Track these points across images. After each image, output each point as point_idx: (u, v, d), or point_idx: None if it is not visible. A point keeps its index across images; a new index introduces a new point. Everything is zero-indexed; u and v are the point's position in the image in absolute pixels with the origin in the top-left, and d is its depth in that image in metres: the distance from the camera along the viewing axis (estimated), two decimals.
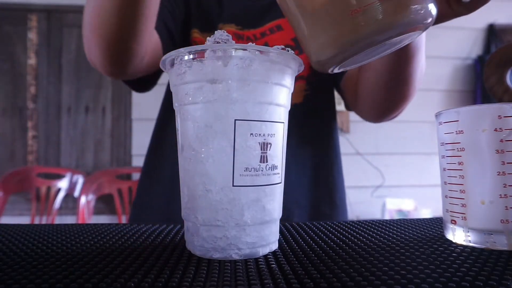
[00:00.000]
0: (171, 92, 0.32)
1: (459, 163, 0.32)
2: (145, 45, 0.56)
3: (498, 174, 0.30)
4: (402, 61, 0.51)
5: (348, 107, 0.73)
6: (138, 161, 2.02)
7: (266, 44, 0.67)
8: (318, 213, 0.69)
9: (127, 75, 0.62)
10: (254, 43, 0.29)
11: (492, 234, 0.30)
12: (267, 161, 0.29)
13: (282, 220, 0.35)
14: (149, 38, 0.56)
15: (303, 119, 0.69)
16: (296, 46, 0.68)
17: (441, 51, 2.24)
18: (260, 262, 0.28)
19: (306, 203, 0.68)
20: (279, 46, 0.30)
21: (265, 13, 0.70)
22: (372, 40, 0.26)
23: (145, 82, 0.67)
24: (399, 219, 0.45)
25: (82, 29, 0.54)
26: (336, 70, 0.31)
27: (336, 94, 0.75)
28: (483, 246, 0.31)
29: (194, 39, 0.68)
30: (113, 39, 0.51)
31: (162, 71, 0.69)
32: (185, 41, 0.69)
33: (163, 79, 0.71)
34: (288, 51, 0.30)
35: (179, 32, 0.68)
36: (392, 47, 0.31)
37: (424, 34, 0.45)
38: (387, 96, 0.59)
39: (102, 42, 0.52)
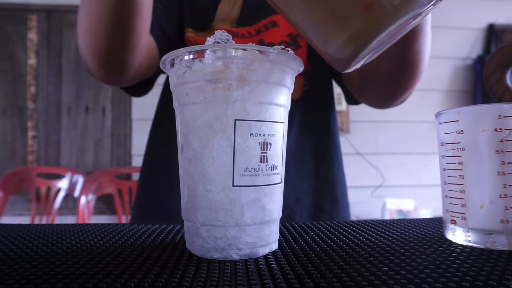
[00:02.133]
0: (167, 92, 0.33)
1: (459, 163, 0.32)
2: (141, 56, 0.56)
3: (498, 174, 0.30)
4: (410, 38, 0.47)
5: (351, 101, 0.72)
6: (138, 161, 2.01)
7: (261, 41, 0.66)
8: (320, 210, 0.69)
9: (124, 83, 0.63)
10: (249, 41, 0.29)
11: (492, 234, 0.30)
12: (267, 161, 0.29)
13: (283, 220, 0.34)
14: (145, 48, 0.56)
15: (302, 115, 0.68)
16: (292, 42, 0.67)
17: (441, 51, 2.24)
18: (260, 262, 0.28)
19: (307, 200, 0.68)
20: (279, 46, 0.30)
21: (260, 10, 0.69)
22: (392, 28, 0.25)
23: (142, 86, 0.68)
24: (399, 219, 0.45)
25: (78, 40, 0.54)
26: (358, 66, 0.30)
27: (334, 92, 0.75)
28: (483, 246, 0.31)
29: (188, 39, 0.68)
30: (107, 55, 0.52)
31: (158, 75, 0.70)
32: (179, 41, 0.69)
33: (160, 79, 0.71)
34: (288, 51, 0.30)
35: (175, 33, 0.68)
36: (410, 27, 0.29)
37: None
38: (395, 78, 0.55)
39: (97, 58, 0.52)
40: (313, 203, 0.69)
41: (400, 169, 2.19)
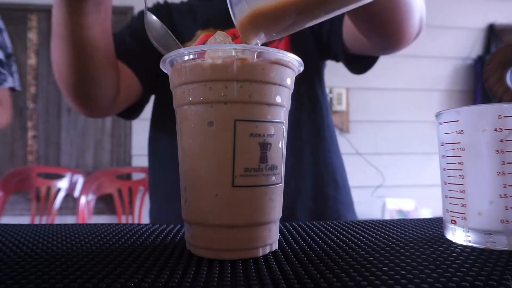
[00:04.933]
0: (163, 92, 0.33)
1: (459, 163, 0.32)
2: (110, 89, 0.58)
3: (498, 174, 0.30)
4: None
5: (356, 70, 0.72)
6: (138, 161, 2.02)
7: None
8: (323, 196, 0.69)
9: (107, 114, 0.66)
10: (235, 42, 0.29)
11: (492, 234, 0.30)
12: (267, 161, 0.29)
13: (284, 211, 0.34)
14: (112, 81, 0.58)
15: (293, 100, 0.69)
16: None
17: (441, 51, 2.24)
18: (260, 262, 0.28)
19: (308, 187, 0.68)
20: (278, 50, 0.30)
21: None
22: None
23: (131, 111, 0.72)
24: (399, 219, 0.45)
25: None
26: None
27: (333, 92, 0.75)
28: (483, 246, 0.31)
29: None
30: (73, 87, 0.55)
31: (146, 101, 0.74)
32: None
33: None
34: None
35: (155, 57, 0.70)
36: None
37: None
38: (386, 16, 0.52)
39: (65, 90, 0.56)
40: (314, 189, 0.68)
41: (400, 169, 2.19)
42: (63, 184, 1.85)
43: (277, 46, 0.68)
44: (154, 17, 0.39)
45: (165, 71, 0.32)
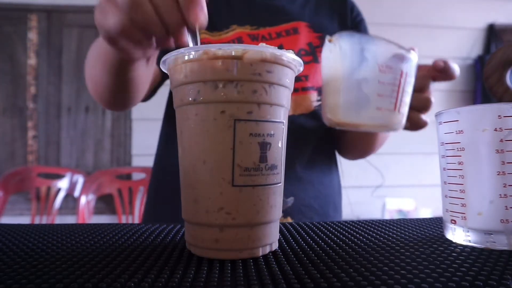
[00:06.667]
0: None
1: (459, 163, 0.32)
2: (143, 95, 0.62)
3: (498, 174, 0.30)
4: (374, 140, 0.70)
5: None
6: (138, 161, 2.02)
7: (281, 46, 0.67)
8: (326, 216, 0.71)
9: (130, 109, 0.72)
10: (269, 44, 0.29)
11: (492, 234, 0.30)
12: (267, 161, 0.29)
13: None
14: (146, 91, 0.62)
15: (318, 126, 0.69)
16: (310, 51, 0.68)
17: (441, 51, 2.23)
18: (260, 262, 0.28)
19: (315, 206, 0.69)
20: (287, 51, 0.30)
21: (279, 13, 0.70)
22: None
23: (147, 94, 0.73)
24: (399, 219, 0.45)
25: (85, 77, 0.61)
26: None
27: None
28: (483, 246, 0.31)
29: (202, 40, 0.68)
30: (109, 103, 0.60)
31: (160, 85, 0.73)
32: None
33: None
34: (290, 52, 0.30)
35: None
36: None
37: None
38: (360, 148, 0.76)
39: (100, 101, 0.60)
40: (320, 209, 0.69)
41: (400, 169, 2.19)
42: (63, 184, 1.85)
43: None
44: None
45: (165, 71, 0.32)
